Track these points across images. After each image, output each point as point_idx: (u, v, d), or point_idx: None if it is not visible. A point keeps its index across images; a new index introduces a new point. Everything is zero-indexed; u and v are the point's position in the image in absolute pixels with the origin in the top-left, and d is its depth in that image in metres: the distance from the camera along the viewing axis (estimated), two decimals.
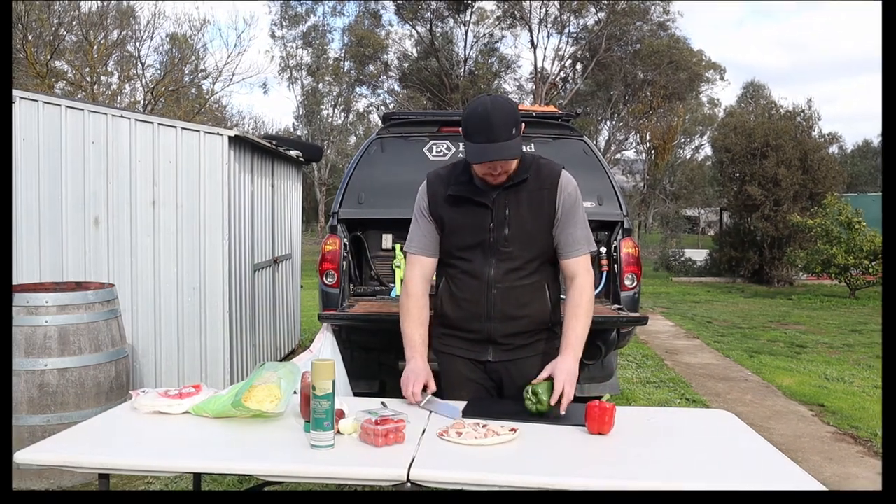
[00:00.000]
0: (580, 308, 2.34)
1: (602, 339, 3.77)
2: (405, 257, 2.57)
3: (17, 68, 18.26)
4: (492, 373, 2.45)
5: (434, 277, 2.54)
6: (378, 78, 27.30)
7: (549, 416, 2.19)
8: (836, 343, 8.19)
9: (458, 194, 2.37)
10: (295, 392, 2.22)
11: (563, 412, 2.19)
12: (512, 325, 2.40)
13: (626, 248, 4.21)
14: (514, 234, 2.34)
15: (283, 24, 28.40)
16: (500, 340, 2.39)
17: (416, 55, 26.68)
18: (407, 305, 2.45)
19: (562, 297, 2.49)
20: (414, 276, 2.46)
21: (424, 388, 2.33)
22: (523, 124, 2.28)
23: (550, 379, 2.23)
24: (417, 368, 2.34)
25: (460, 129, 2.30)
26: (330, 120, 30.83)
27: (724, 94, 77.29)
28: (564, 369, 2.23)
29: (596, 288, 3.80)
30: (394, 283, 4.52)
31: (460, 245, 2.40)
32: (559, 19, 24.21)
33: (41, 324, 3.53)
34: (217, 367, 4.72)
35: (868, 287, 12.78)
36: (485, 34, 25.79)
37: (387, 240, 4.64)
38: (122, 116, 4.65)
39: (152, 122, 4.67)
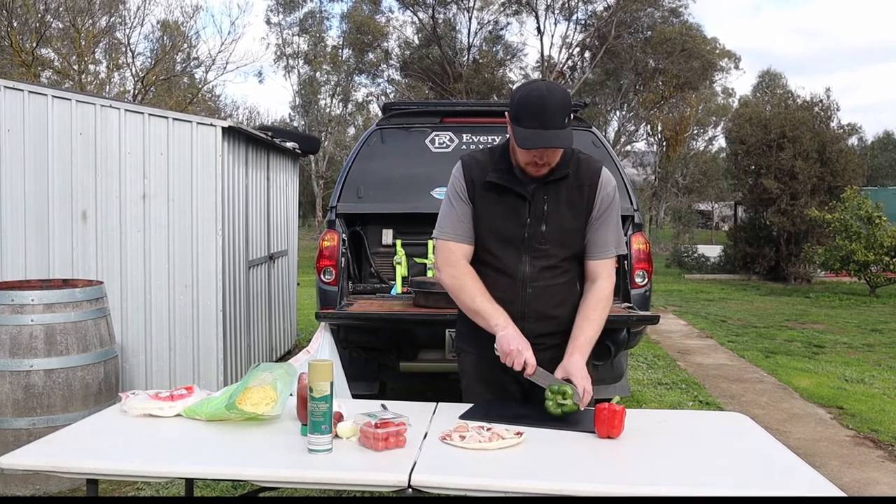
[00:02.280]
0: (595, 312, 2.33)
1: (612, 339, 3.74)
2: (434, 245, 2.47)
3: (1, 56, 18.34)
4: (520, 374, 2.36)
5: None
6: (378, 66, 27.25)
7: (561, 418, 2.17)
8: (855, 343, 8.11)
9: (497, 182, 2.30)
10: (291, 394, 2.21)
11: (582, 408, 2.18)
12: (546, 325, 2.37)
13: (637, 243, 4.25)
14: (551, 231, 2.30)
15: (279, 9, 28.32)
16: (532, 341, 2.31)
17: (417, 43, 26.58)
18: (462, 282, 2.33)
19: None
20: (455, 256, 2.35)
21: None
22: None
23: (569, 381, 2.21)
24: (518, 335, 2.24)
25: (463, 117, 2.23)
26: (328, 110, 30.59)
27: (739, 83, 77.25)
28: (579, 367, 2.22)
29: None
30: (394, 280, 4.47)
31: (493, 237, 2.34)
32: (567, 5, 24.12)
33: (27, 323, 3.48)
34: (210, 367, 4.68)
35: (889, 284, 12.67)
36: (489, 21, 25.67)
37: (387, 235, 4.68)
38: (110, 107, 4.62)
39: (142, 113, 4.63)
